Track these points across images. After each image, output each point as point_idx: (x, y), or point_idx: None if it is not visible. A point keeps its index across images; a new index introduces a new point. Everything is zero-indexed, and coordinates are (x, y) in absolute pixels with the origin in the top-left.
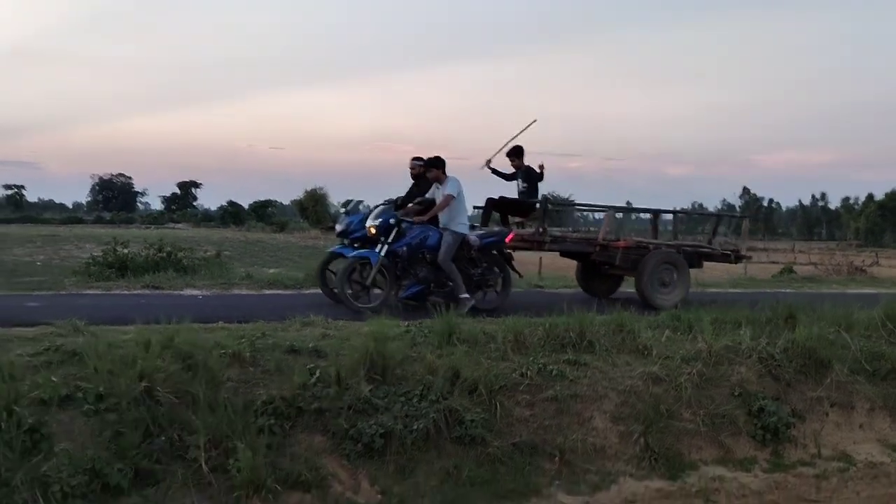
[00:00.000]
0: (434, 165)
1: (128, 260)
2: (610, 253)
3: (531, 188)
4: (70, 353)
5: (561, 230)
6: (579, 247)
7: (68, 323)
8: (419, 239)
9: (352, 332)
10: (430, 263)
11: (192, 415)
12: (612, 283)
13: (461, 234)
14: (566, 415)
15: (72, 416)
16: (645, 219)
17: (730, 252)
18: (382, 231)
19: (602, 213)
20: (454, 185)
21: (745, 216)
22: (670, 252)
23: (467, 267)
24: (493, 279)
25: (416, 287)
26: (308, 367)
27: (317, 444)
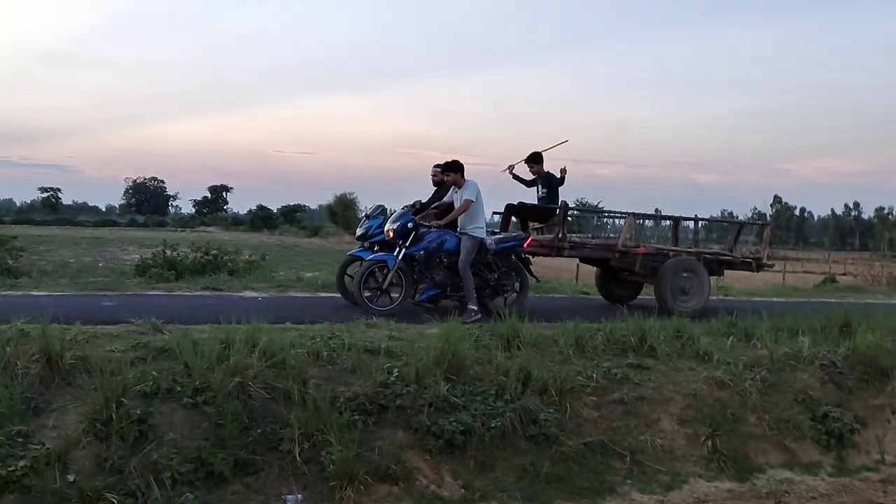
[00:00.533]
0: (452, 169)
1: (177, 262)
2: (629, 259)
3: (551, 194)
4: (160, 349)
5: (580, 236)
6: (599, 253)
7: (147, 322)
8: (436, 243)
9: (415, 335)
10: (448, 267)
11: (284, 409)
12: (632, 290)
13: (479, 239)
14: (633, 416)
15: (172, 409)
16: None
17: (751, 260)
18: (400, 234)
19: (623, 219)
20: (473, 190)
21: (767, 224)
22: (690, 259)
23: (484, 271)
24: (510, 284)
25: (433, 291)
26: (386, 366)
27: (400, 440)
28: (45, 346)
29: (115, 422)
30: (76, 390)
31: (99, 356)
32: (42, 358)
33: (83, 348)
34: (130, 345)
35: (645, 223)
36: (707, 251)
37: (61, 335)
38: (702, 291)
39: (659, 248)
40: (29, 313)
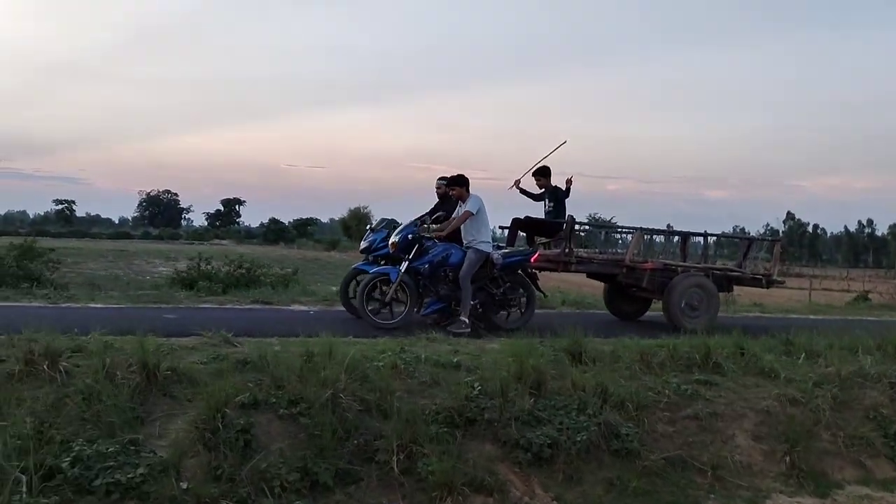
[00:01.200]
0: (457, 184)
1: (212, 275)
2: (637, 275)
3: (558, 208)
4: (241, 361)
5: (587, 251)
6: (606, 268)
7: (217, 334)
8: (441, 256)
9: (476, 349)
10: (453, 281)
11: (376, 422)
12: (641, 306)
13: (484, 252)
14: (708, 432)
15: (269, 420)
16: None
17: (761, 276)
18: (402, 247)
19: (631, 234)
20: (474, 203)
21: (779, 240)
22: (699, 275)
23: (489, 286)
24: (517, 299)
25: (437, 304)
26: (466, 379)
27: (489, 452)
28: (143, 358)
29: (221, 432)
30: (173, 401)
31: (191, 368)
32: (140, 369)
33: (168, 360)
34: (210, 357)
35: (653, 238)
36: (716, 267)
37: (156, 347)
38: (711, 307)
39: (667, 263)
40: (99, 325)
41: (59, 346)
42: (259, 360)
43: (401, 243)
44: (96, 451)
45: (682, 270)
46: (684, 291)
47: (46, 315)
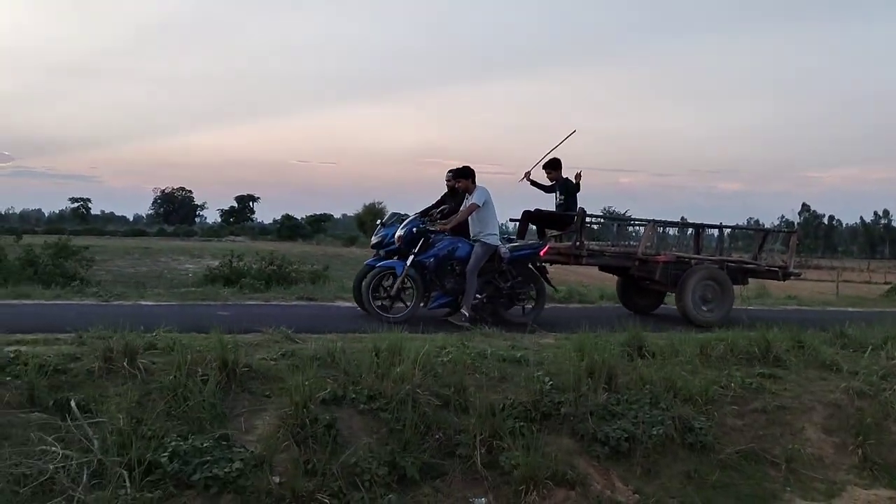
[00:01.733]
0: (463, 176)
1: (245, 272)
2: (649, 268)
3: (568, 200)
4: (310, 357)
5: (599, 244)
6: (618, 261)
7: (277, 331)
8: (447, 250)
9: (532, 343)
10: (460, 275)
11: (454, 416)
12: (654, 299)
13: (492, 246)
14: (777, 425)
15: (350, 415)
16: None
17: (777, 268)
18: (408, 241)
19: (643, 226)
20: (480, 195)
21: (795, 231)
22: (713, 268)
23: (497, 280)
24: (526, 293)
25: (444, 298)
26: (536, 374)
27: (567, 446)
28: (223, 355)
29: (308, 426)
30: (252, 397)
31: (264, 365)
32: (220, 366)
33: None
34: (279, 353)
35: (666, 231)
36: (730, 259)
37: (234, 344)
38: (725, 301)
39: (680, 255)
40: (159, 323)
41: (136, 345)
42: (328, 356)
43: (406, 237)
44: (192, 446)
45: (696, 263)
46: (697, 284)
47: (101, 313)
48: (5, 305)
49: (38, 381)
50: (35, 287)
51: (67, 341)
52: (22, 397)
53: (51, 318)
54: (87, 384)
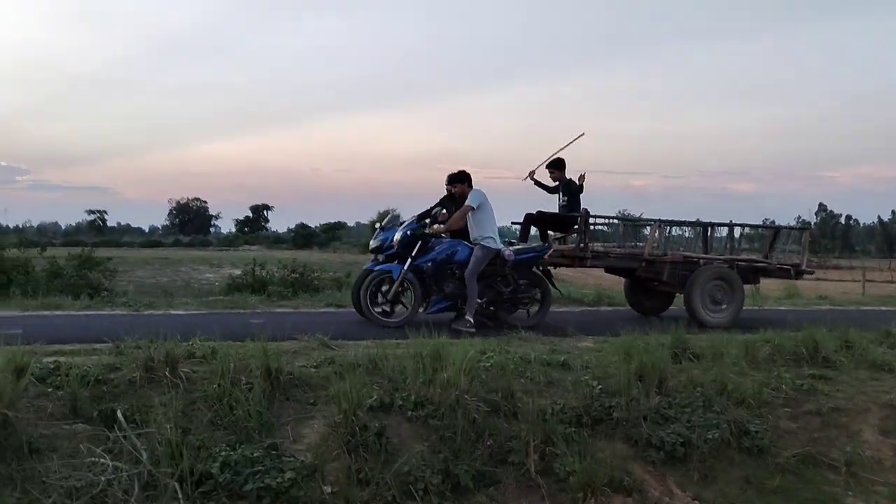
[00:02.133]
0: (458, 180)
1: (267, 280)
2: (657, 269)
3: (572, 202)
4: (351, 364)
5: (604, 245)
6: (624, 262)
7: (313, 338)
8: (446, 254)
9: (570, 346)
10: (460, 279)
11: (504, 422)
12: (662, 301)
13: (493, 249)
14: (833, 428)
15: (398, 422)
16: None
17: (790, 267)
18: (404, 244)
19: (649, 226)
20: (475, 197)
21: (807, 229)
22: (722, 267)
23: (499, 284)
24: (530, 297)
25: (444, 303)
26: (583, 378)
27: (621, 451)
28: (266, 363)
29: (358, 434)
30: (297, 405)
31: (305, 372)
32: (264, 374)
33: (282, 363)
34: (318, 360)
35: (671, 231)
36: (740, 258)
37: (277, 352)
38: (735, 301)
39: (687, 255)
40: (189, 331)
41: (178, 354)
42: (370, 362)
43: (402, 240)
44: (242, 456)
45: (704, 262)
46: (706, 284)
47: (133, 323)
48: (38, 317)
49: (80, 391)
50: (64, 298)
51: (105, 351)
52: (65, 408)
53: (85, 328)
54: (129, 394)
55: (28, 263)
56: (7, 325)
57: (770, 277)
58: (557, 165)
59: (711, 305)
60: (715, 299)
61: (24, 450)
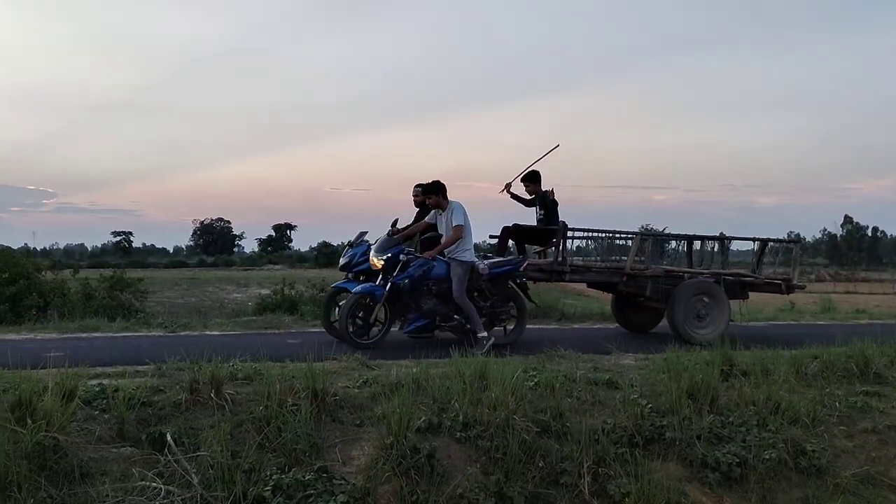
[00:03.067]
0: (433, 192)
1: (296, 299)
2: (639, 283)
3: (549, 215)
4: (394, 385)
5: (584, 259)
6: (605, 277)
7: (352, 357)
8: (422, 270)
9: (613, 364)
10: (437, 296)
11: (555, 442)
12: (651, 317)
13: (469, 263)
14: (891, 446)
15: (447, 443)
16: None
17: (780, 281)
18: (390, 266)
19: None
20: (460, 213)
21: (797, 241)
22: (706, 282)
23: (476, 299)
24: (506, 312)
25: (421, 321)
26: (632, 397)
27: (675, 472)
28: (313, 384)
29: (409, 457)
30: (342, 426)
31: (349, 393)
32: (310, 395)
33: (327, 384)
34: (360, 381)
35: (673, 245)
36: (725, 272)
37: (323, 373)
38: (720, 317)
39: (669, 270)
40: (228, 352)
41: (223, 375)
42: (413, 382)
43: (389, 262)
44: (294, 480)
45: (690, 277)
46: (689, 299)
47: (172, 344)
48: (78, 339)
49: (127, 414)
50: (101, 320)
51: (148, 373)
52: (112, 431)
53: (125, 350)
54: (175, 416)
55: (64, 286)
56: (49, 348)
57: (759, 292)
58: (532, 178)
59: (695, 321)
60: (699, 314)
61: (76, 474)
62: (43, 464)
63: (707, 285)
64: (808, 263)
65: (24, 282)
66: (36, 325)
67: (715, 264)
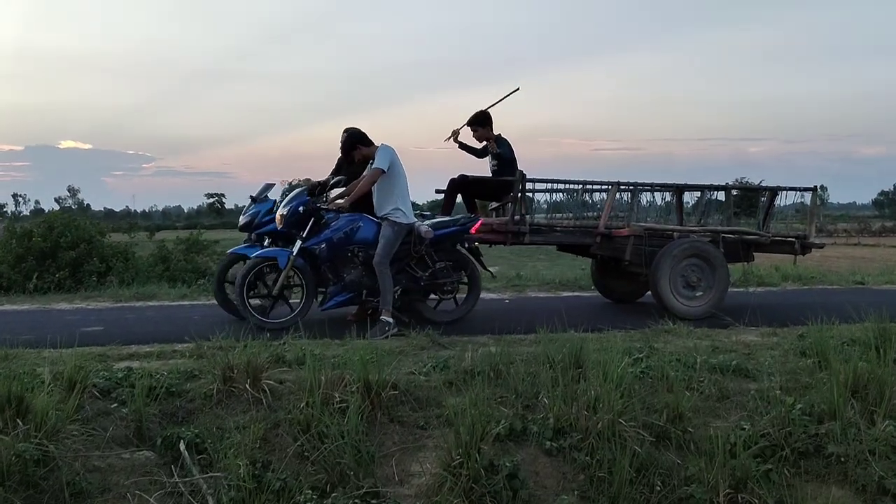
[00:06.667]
0: (357, 142)
1: None
2: (616, 245)
3: (503, 164)
4: (467, 372)
5: (547, 217)
6: (574, 238)
7: (423, 334)
8: (344, 232)
9: (735, 342)
10: (363, 263)
11: (673, 455)
12: (637, 284)
13: (405, 225)
14: None
15: (533, 456)
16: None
17: (792, 238)
18: (293, 222)
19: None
20: (384, 156)
21: (812, 189)
22: (698, 242)
23: (414, 268)
24: (453, 282)
25: (343, 295)
26: (774, 392)
27: (842, 499)
28: (365, 375)
29: (484, 478)
30: (402, 428)
31: (412, 383)
32: (363, 389)
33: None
34: (428, 366)
35: (638, 196)
36: (724, 229)
37: (379, 357)
38: (717, 284)
39: (651, 227)
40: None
41: (260, 361)
42: (490, 369)
43: (289, 217)
44: None
45: (680, 236)
46: (677, 264)
47: (227, 316)
48: (127, 309)
49: (147, 409)
50: (161, 286)
51: (185, 353)
52: (128, 430)
53: (172, 322)
54: (202, 412)
55: (128, 250)
56: (89, 321)
57: (767, 252)
58: (480, 121)
59: (684, 290)
60: (689, 282)
61: (64, 494)
62: (24, 480)
63: (700, 246)
64: (774, 215)
65: (85, 246)
66: (92, 293)
67: (713, 220)
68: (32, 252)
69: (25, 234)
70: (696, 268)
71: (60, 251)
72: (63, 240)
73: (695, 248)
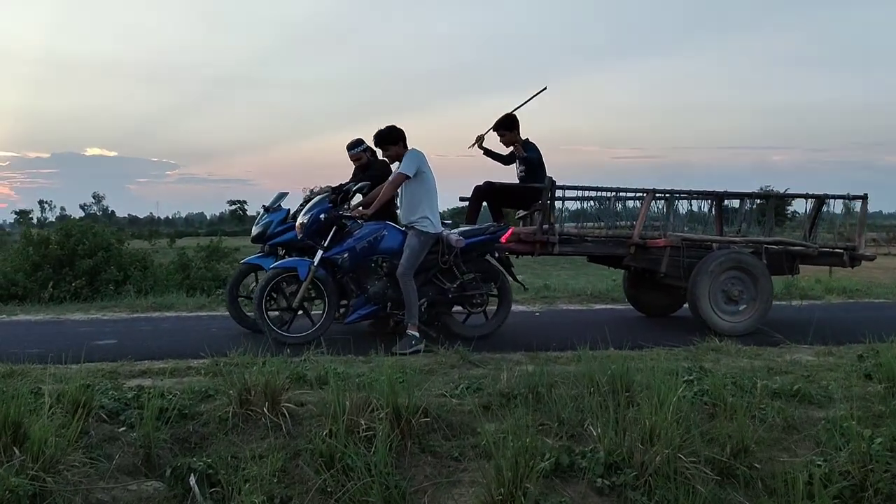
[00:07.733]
0: (388, 142)
1: None
2: (651, 256)
3: (532, 169)
4: (504, 395)
5: (577, 226)
6: (606, 249)
7: (454, 350)
8: (368, 241)
9: (789, 362)
10: (388, 274)
11: (740, 496)
12: (672, 297)
13: (432, 235)
14: None
15: (583, 495)
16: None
17: (841, 249)
18: (312, 231)
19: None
20: (412, 161)
21: (862, 197)
22: (741, 253)
23: (442, 280)
24: (482, 295)
25: (366, 309)
26: (845, 423)
27: None
28: (394, 400)
29: None
30: (434, 459)
31: (444, 407)
32: (392, 415)
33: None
34: (459, 387)
35: (675, 205)
36: (767, 240)
37: (404, 378)
38: (760, 298)
39: (689, 238)
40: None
41: (280, 382)
42: (529, 391)
43: (310, 225)
44: None
45: (720, 246)
46: (718, 276)
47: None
48: (143, 320)
49: (157, 434)
50: (179, 296)
51: (201, 370)
52: (136, 458)
53: (189, 335)
54: (216, 438)
55: (147, 257)
56: (103, 334)
57: (813, 265)
58: (507, 125)
59: (725, 305)
60: (730, 297)
61: None
62: None
63: (741, 257)
64: (821, 224)
65: (102, 254)
66: (109, 303)
67: (755, 231)
68: (49, 260)
69: (42, 242)
70: (738, 280)
71: (77, 259)
72: (80, 247)
73: (735, 259)
